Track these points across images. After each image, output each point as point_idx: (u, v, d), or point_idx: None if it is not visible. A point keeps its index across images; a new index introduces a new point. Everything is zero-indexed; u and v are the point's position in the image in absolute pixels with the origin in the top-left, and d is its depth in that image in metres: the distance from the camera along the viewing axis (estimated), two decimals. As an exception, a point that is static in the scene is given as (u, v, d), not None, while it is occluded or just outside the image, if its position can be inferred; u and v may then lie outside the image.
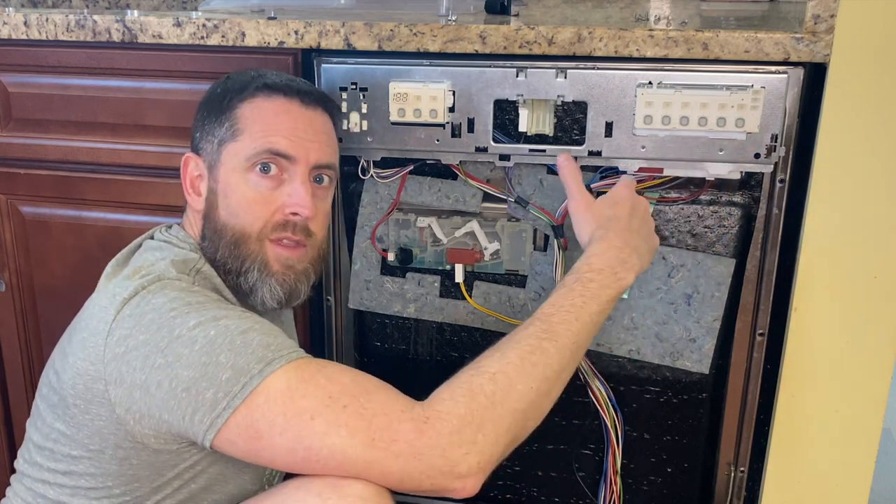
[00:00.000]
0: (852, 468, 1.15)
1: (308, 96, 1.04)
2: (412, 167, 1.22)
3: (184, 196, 1.07)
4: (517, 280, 1.23)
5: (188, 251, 1.03)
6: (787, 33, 1.04)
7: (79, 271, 1.37)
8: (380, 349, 1.32)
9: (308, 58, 1.20)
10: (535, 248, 1.21)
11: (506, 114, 1.15)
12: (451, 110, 1.15)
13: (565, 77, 1.11)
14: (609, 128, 1.12)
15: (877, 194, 1.06)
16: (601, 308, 0.99)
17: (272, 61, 1.20)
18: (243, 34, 1.18)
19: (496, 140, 1.16)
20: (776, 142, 1.08)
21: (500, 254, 1.22)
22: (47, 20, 1.24)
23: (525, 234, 1.21)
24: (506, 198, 1.20)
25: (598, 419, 1.23)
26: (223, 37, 1.19)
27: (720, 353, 1.20)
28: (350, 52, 1.17)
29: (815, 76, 1.08)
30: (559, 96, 1.12)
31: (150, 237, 1.07)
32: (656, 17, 1.37)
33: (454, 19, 1.18)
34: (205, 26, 1.19)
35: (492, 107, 1.14)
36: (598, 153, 1.13)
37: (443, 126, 1.16)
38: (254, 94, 1.03)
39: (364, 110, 1.18)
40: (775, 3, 1.58)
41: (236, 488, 1.03)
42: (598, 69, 1.11)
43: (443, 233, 1.23)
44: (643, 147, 1.11)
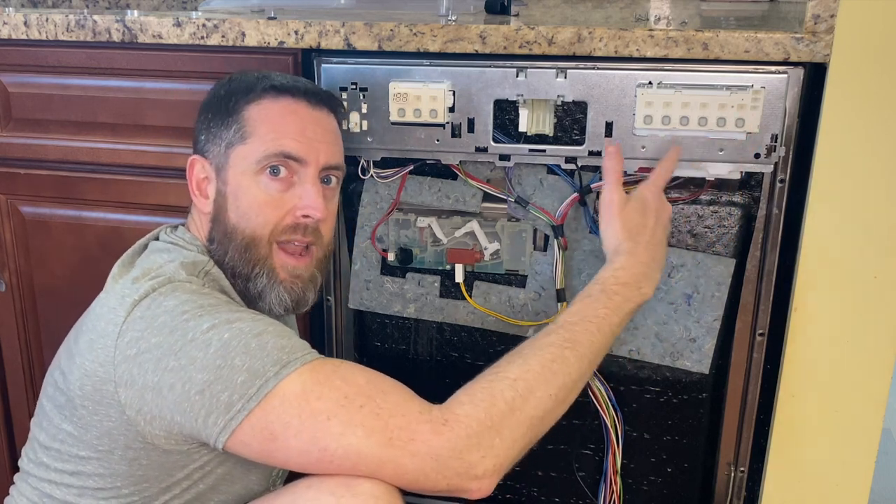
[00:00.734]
0: (852, 468, 1.15)
1: (315, 96, 1.04)
2: (412, 167, 1.22)
3: (188, 197, 1.06)
4: (517, 280, 1.23)
5: (196, 253, 1.02)
6: (787, 33, 1.04)
7: (79, 271, 1.37)
8: (380, 349, 1.32)
9: (308, 58, 1.20)
10: (535, 248, 1.21)
11: (506, 114, 1.15)
12: (451, 110, 1.15)
13: (565, 77, 1.11)
14: (609, 128, 1.12)
15: (877, 194, 1.06)
16: (621, 320, 1.01)
17: (272, 61, 1.20)
18: (243, 34, 1.18)
19: (496, 140, 1.16)
20: (776, 142, 1.08)
21: (500, 254, 1.22)
22: (47, 20, 1.24)
23: (525, 234, 1.21)
24: (506, 198, 1.20)
25: (598, 419, 1.23)
26: (223, 37, 1.19)
27: (720, 353, 1.20)
28: (350, 52, 1.17)
29: (815, 76, 1.07)
30: (559, 96, 1.12)
31: (156, 238, 1.06)
32: (656, 17, 1.37)
33: (454, 19, 1.18)
34: (205, 26, 1.19)
35: (492, 107, 1.14)
36: (598, 153, 1.13)
37: (443, 126, 1.16)
38: (261, 95, 1.02)
39: (364, 110, 1.18)
40: (775, 3, 1.58)
41: (243, 488, 1.03)
42: (598, 69, 1.11)
43: (443, 233, 1.23)
44: (643, 147, 1.11)
